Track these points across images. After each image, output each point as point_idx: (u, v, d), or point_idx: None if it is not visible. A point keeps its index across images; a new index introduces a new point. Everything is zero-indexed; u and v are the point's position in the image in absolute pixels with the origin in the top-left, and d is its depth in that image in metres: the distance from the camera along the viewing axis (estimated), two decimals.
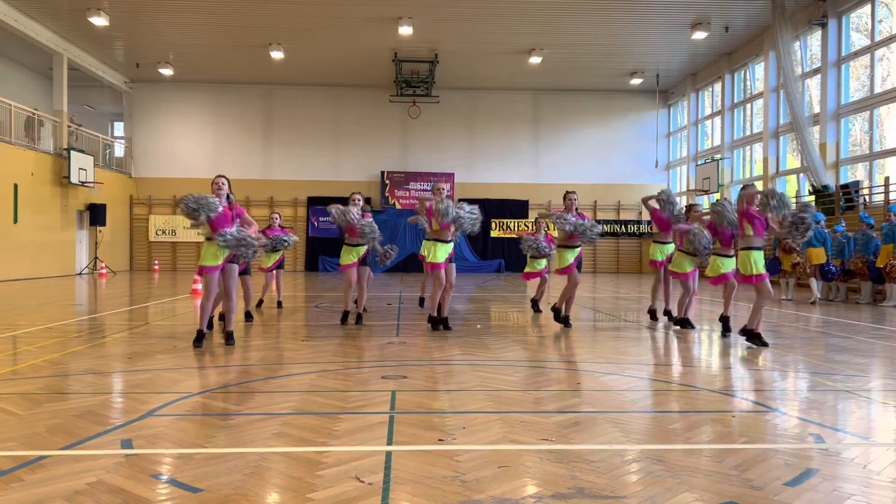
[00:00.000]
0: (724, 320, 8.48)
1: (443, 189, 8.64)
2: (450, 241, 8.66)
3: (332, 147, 27.88)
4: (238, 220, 7.31)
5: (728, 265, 8.37)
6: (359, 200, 9.25)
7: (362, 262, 9.36)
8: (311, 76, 26.24)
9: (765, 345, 7.46)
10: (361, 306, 9.58)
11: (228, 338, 7.42)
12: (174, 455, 3.59)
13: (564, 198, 9.30)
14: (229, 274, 7.35)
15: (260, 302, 11.72)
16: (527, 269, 11.33)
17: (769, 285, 7.59)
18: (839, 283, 14.14)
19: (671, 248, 9.76)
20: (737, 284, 8.38)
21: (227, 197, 7.23)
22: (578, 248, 9.21)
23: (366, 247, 9.30)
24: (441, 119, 27.61)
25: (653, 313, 9.97)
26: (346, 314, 9.44)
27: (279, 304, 11.87)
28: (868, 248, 13.36)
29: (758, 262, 7.55)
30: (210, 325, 7.88)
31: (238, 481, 3.17)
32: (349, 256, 9.27)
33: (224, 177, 7.34)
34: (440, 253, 8.56)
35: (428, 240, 8.70)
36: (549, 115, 28.35)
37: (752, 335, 7.58)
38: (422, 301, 11.38)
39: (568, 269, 9.16)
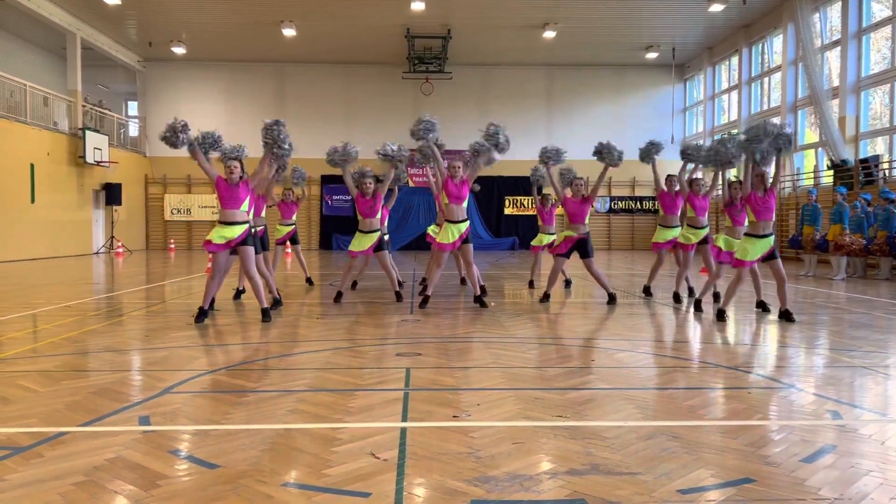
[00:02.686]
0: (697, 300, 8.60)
1: (458, 168, 8.71)
2: (461, 221, 8.64)
3: (345, 125, 27.74)
4: (252, 190, 7.73)
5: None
6: (369, 180, 9.23)
7: (378, 248, 9.31)
8: (323, 54, 26.06)
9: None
10: (396, 285, 9.65)
11: (263, 315, 7.52)
12: (191, 431, 3.63)
13: (571, 183, 9.32)
14: (245, 257, 7.45)
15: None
16: (533, 242, 11.70)
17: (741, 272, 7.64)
18: (856, 259, 13.97)
19: (676, 231, 9.59)
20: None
21: (241, 176, 7.71)
22: (575, 234, 9.12)
23: (378, 233, 9.27)
24: (454, 96, 27.35)
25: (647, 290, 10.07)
26: (339, 294, 9.46)
27: (308, 280, 12.11)
28: (889, 224, 13.16)
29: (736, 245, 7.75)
30: (212, 305, 8.05)
31: (254, 457, 3.19)
32: (361, 243, 9.24)
33: (237, 160, 7.88)
34: (448, 234, 8.60)
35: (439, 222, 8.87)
36: (563, 90, 28.04)
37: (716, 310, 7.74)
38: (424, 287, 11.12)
39: (554, 251, 9.42)
